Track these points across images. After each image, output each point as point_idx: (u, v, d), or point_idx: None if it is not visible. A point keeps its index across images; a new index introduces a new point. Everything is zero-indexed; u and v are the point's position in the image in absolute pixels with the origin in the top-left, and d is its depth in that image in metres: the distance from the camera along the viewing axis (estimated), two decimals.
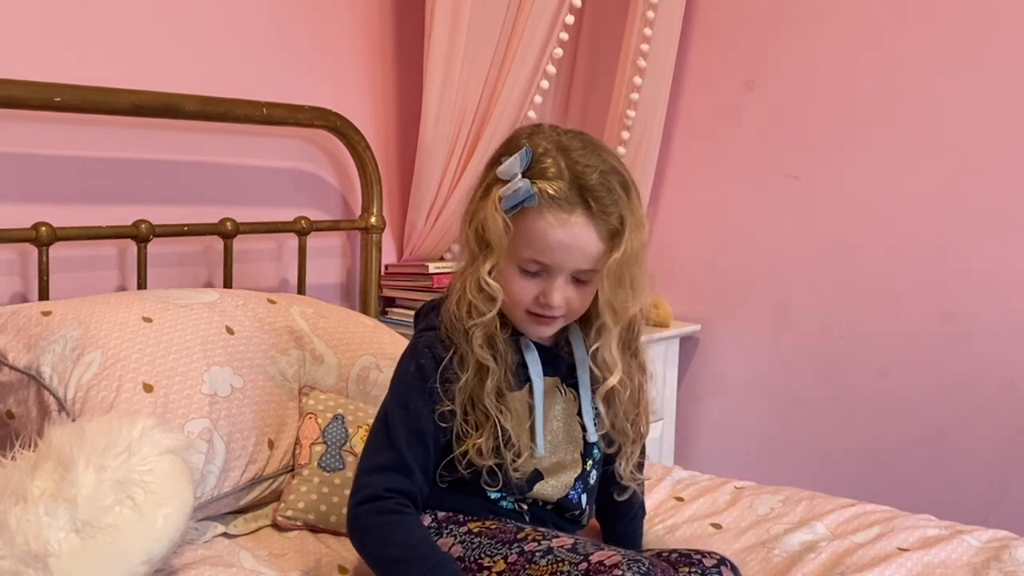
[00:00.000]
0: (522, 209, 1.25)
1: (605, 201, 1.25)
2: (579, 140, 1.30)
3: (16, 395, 1.52)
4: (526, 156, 1.26)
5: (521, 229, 1.26)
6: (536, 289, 1.29)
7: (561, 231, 1.25)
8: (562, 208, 1.24)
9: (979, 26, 2.31)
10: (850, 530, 1.62)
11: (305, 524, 1.57)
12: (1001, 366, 2.32)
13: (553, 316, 1.31)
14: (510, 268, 1.29)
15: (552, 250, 1.26)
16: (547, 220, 1.25)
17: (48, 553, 1.12)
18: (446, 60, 2.23)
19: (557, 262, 1.27)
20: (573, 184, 1.25)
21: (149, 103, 1.85)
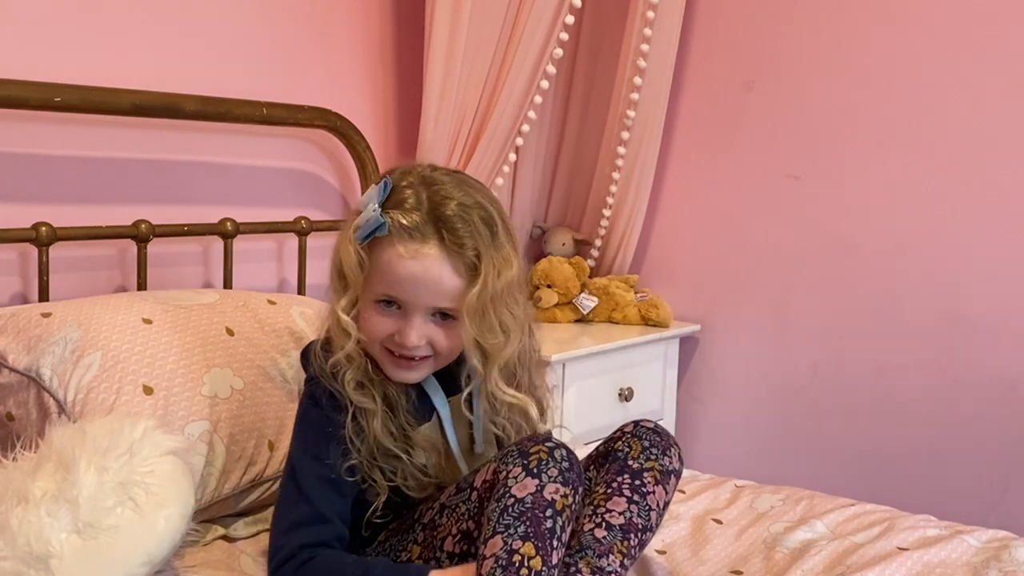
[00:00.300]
0: (375, 240, 1.23)
1: (460, 233, 1.21)
2: (451, 176, 1.27)
3: (16, 397, 1.51)
4: (384, 188, 1.24)
5: (375, 262, 1.23)
6: (392, 327, 1.25)
7: (412, 262, 1.21)
8: (413, 238, 1.21)
9: (979, 26, 2.31)
10: (850, 530, 1.63)
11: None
12: (1001, 366, 2.33)
13: (412, 357, 1.27)
14: (366, 304, 1.26)
15: (403, 283, 1.22)
16: (398, 251, 1.21)
17: (49, 554, 1.11)
18: (446, 60, 2.23)
19: (409, 296, 1.23)
20: (429, 215, 1.22)
21: (149, 103, 1.85)
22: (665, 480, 1.29)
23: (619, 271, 2.81)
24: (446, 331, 1.27)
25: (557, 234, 2.80)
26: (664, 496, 1.29)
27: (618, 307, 2.67)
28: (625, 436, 1.33)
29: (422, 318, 1.25)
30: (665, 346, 2.68)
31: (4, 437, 1.51)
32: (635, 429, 1.33)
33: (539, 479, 1.15)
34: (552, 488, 1.15)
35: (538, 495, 1.14)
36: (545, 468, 1.15)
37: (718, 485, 1.85)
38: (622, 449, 1.31)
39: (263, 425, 1.59)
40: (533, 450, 1.17)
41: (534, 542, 1.11)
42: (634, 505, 1.26)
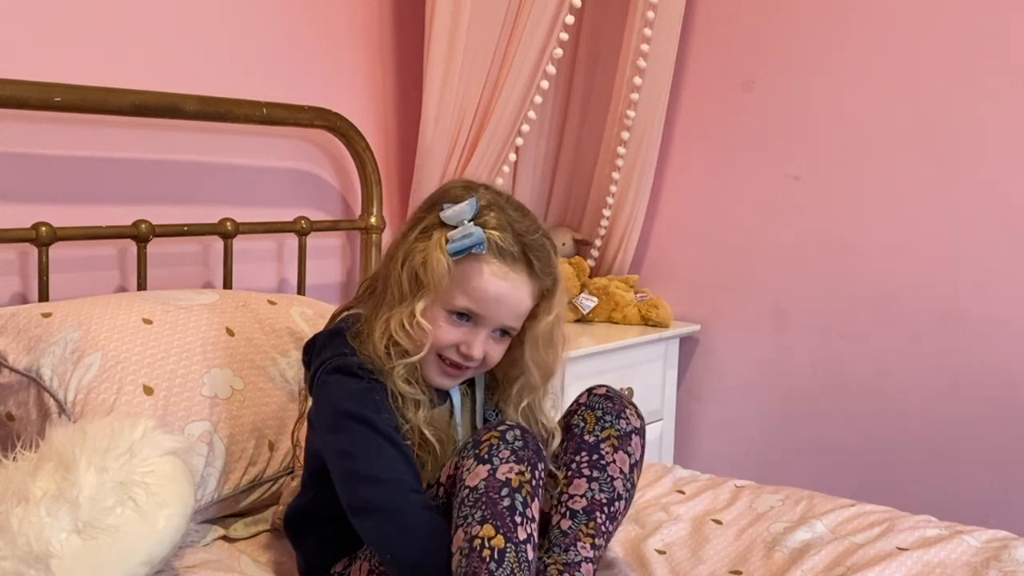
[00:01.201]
0: (466, 256, 1.27)
1: (545, 262, 1.31)
2: (510, 202, 1.34)
3: (16, 397, 1.51)
4: (475, 204, 1.28)
5: (460, 276, 1.27)
6: (459, 337, 1.30)
7: (503, 283, 1.28)
8: (506, 261, 1.28)
9: (979, 26, 2.31)
10: (850, 530, 1.63)
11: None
12: (1001, 366, 2.33)
13: (467, 367, 1.32)
14: (438, 312, 1.30)
15: (488, 300, 1.28)
16: (491, 269, 1.27)
17: (50, 554, 1.12)
18: (446, 60, 2.23)
19: (490, 313, 1.29)
20: (517, 240, 1.29)
21: (149, 103, 1.85)
22: (625, 443, 1.32)
23: (619, 271, 2.81)
24: (501, 346, 1.34)
25: (557, 234, 2.80)
26: (627, 459, 1.31)
27: (618, 307, 2.67)
28: (580, 409, 1.36)
29: (487, 332, 1.31)
30: (665, 346, 2.68)
31: (4, 437, 1.51)
32: (588, 399, 1.36)
33: (490, 463, 1.15)
34: (505, 468, 1.15)
35: (491, 479, 1.14)
36: (496, 452, 1.16)
37: (718, 485, 1.85)
38: (577, 424, 1.34)
39: (263, 425, 1.59)
40: (484, 437, 1.19)
41: (492, 523, 1.11)
42: (594, 482, 1.27)
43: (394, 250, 1.34)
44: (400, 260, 1.31)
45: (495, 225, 1.29)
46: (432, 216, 1.31)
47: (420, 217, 1.33)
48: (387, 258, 1.35)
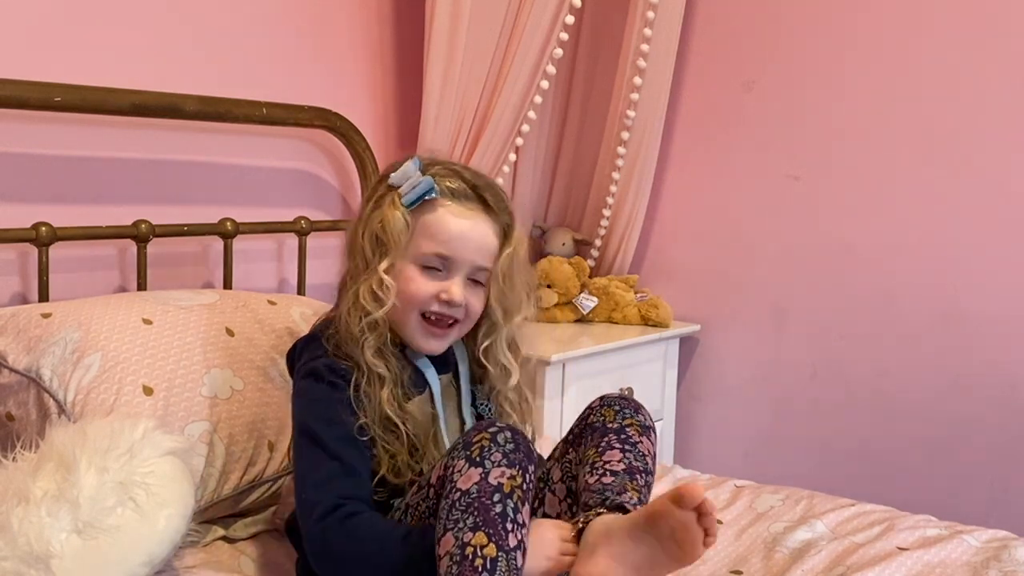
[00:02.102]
0: (422, 204, 1.32)
1: (498, 199, 1.36)
2: (452, 160, 1.44)
3: (16, 397, 1.51)
4: (417, 162, 1.34)
5: (421, 226, 1.32)
6: (436, 288, 1.32)
7: (463, 221, 1.32)
8: (460, 200, 1.33)
9: (979, 26, 2.31)
10: (850, 530, 1.63)
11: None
12: (1001, 366, 2.33)
13: (451, 320, 1.35)
14: (408, 267, 1.33)
15: (453, 239, 1.32)
16: (449, 210, 1.32)
17: (50, 554, 1.12)
18: (446, 60, 2.23)
19: (459, 253, 1.32)
20: (468, 183, 1.35)
21: (149, 103, 1.85)
22: (646, 433, 1.34)
23: (619, 271, 2.81)
24: (478, 296, 1.36)
25: (557, 234, 2.80)
26: (651, 447, 1.33)
27: (618, 307, 2.67)
28: (595, 410, 1.36)
29: (462, 277, 1.33)
30: (665, 346, 2.68)
31: (4, 437, 1.51)
32: (602, 400, 1.37)
33: (482, 467, 1.14)
34: (497, 472, 1.14)
35: (483, 483, 1.13)
36: (488, 455, 1.15)
37: (718, 485, 1.85)
38: (597, 420, 1.34)
39: (263, 426, 1.59)
40: (475, 439, 1.17)
41: (485, 530, 1.10)
42: (628, 453, 1.29)
43: (352, 233, 1.37)
44: (361, 231, 1.34)
45: (444, 173, 1.34)
46: (381, 187, 1.36)
47: (370, 194, 1.39)
48: (350, 235, 1.38)
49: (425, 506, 1.23)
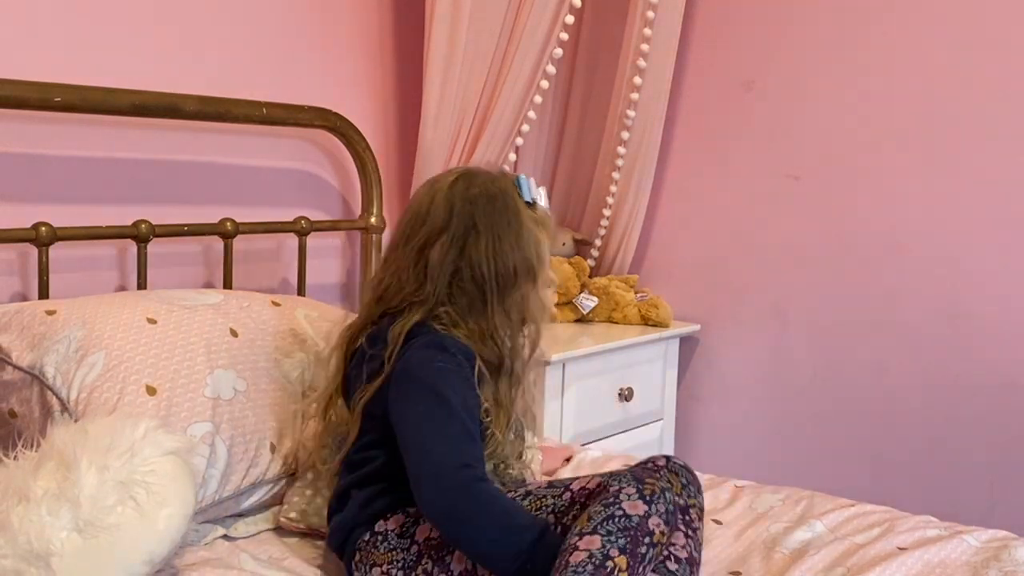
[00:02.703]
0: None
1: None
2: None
3: (19, 394, 1.51)
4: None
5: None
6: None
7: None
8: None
9: (980, 26, 2.31)
10: (850, 530, 1.63)
11: (308, 527, 1.56)
12: (1001, 366, 2.33)
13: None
14: (542, 287, 1.45)
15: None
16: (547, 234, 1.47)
17: (50, 552, 1.12)
18: (446, 60, 2.23)
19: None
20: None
21: (149, 103, 1.85)
22: (702, 517, 1.43)
23: (619, 271, 2.81)
24: None
25: (557, 234, 2.80)
26: (700, 539, 1.41)
27: (618, 307, 2.67)
28: (661, 471, 1.39)
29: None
30: (665, 346, 2.68)
31: (6, 435, 1.51)
32: (668, 464, 1.41)
33: (649, 507, 1.21)
34: (655, 521, 1.20)
35: (644, 520, 1.19)
36: (656, 501, 1.22)
37: (718, 485, 1.85)
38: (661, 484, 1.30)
39: (265, 427, 1.59)
40: (648, 480, 1.24)
41: (628, 559, 1.16)
42: (691, 540, 1.36)
43: (506, 245, 1.39)
44: (516, 247, 1.39)
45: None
46: (524, 206, 1.42)
47: (516, 210, 1.41)
48: (495, 255, 1.38)
49: (552, 502, 1.29)
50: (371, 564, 1.33)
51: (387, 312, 1.42)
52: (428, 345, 1.34)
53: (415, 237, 1.41)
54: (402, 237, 1.44)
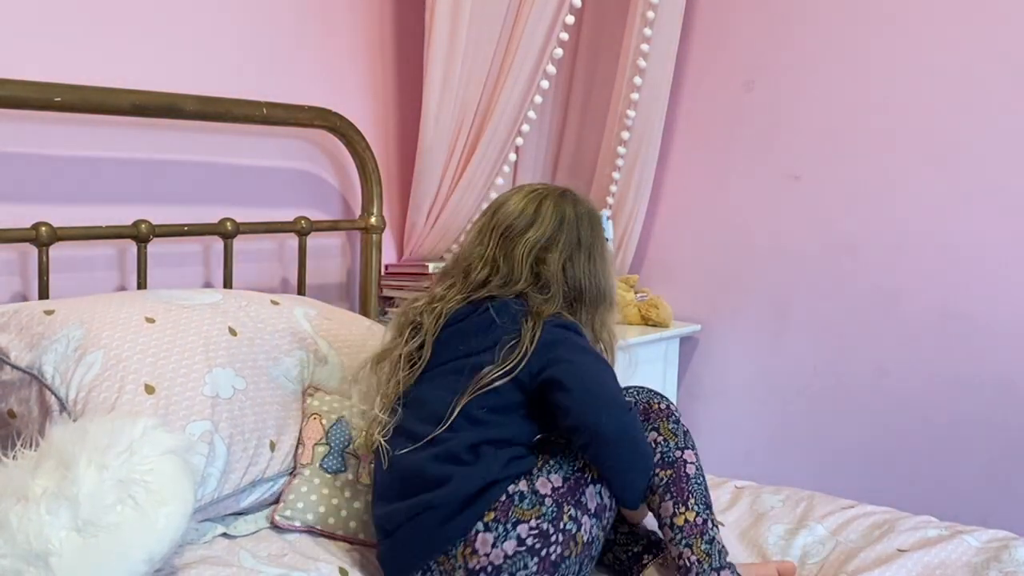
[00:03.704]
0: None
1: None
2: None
3: (18, 394, 1.51)
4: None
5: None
6: None
7: None
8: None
9: (980, 26, 2.31)
10: (850, 531, 1.63)
11: (303, 525, 1.57)
12: (1001, 366, 2.33)
13: None
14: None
15: None
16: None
17: (49, 551, 1.12)
18: (446, 60, 2.23)
19: None
20: None
21: (149, 103, 1.85)
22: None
23: (619, 271, 2.81)
24: None
25: None
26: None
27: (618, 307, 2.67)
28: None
29: None
30: (665, 346, 2.68)
31: (5, 435, 1.51)
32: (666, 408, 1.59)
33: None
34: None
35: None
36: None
37: (718, 486, 1.85)
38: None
39: (264, 425, 1.59)
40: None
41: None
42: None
43: (597, 265, 1.60)
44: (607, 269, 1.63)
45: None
46: (600, 229, 1.64)
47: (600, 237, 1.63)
48: (596, 273, 1.60)
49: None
50: (515, 521, 1.38)
51: (477, 291, 1.56)
52: (568, 326, 1.51)
53: (516, 234, 1.57)
54: (499, 228, 1.58)
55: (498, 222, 1.58)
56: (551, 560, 1.36)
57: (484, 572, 1.36)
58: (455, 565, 1.38)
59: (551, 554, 1.36)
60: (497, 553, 1.36)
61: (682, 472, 1.46)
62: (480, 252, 1.58)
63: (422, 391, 1.51)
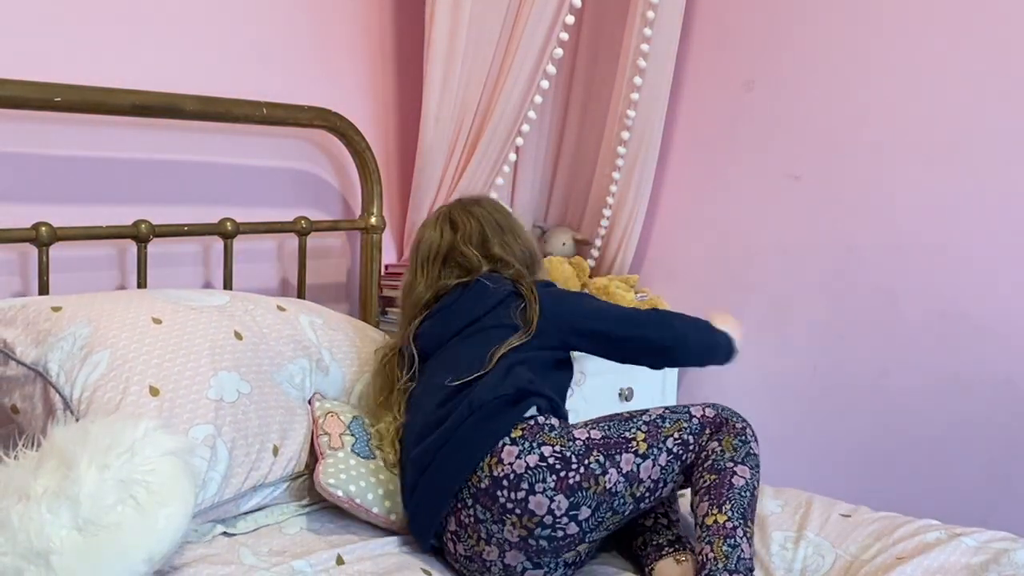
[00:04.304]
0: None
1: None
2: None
3: (22, 390, 1.51)
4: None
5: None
6: None
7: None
8: None
9: (979, 25, 2.31)
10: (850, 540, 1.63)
11: (346, 496, 1.57)
12: (1001, 366, 2.32)
13: None
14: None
15: None
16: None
17: (50, 550, 1.12)
18: (446, 60, 2.23)
19: None
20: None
21: (149, 103, 1.85)
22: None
23: (619, 271, 2.81)
24: None
25: (557, 234, 2.80)
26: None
27: None
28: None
29: None
30: None
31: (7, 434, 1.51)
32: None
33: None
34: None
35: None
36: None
37: None
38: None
39: (268, 430, 1.59)
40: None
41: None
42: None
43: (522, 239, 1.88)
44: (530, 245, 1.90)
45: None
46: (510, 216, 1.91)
47: (508, 220, 1.89)
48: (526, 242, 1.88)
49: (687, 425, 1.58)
50: (541, 443, 1.49)
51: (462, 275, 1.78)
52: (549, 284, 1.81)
53: (449, 249, 1.79)
54: (432, 256, 1.80)
55: (427, 254, 1.79)
56: (568, 484, 1.45)
57: (507, 479, 1.46)
58: (481, 477, 1.48)
59: (569, 478, 1.45)
60: (520, 464, 1.46)
61: (727, 480, 1.48)
62: (424, 281, 1.78)
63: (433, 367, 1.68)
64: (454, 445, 1.51)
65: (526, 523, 1.45)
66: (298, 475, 1.64)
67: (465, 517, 1.49)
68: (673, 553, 1.55)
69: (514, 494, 1.45)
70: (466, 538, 1.50)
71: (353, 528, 1.60)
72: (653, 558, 1.56)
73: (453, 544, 1.53)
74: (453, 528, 1.52)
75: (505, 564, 1.49)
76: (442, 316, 1.73)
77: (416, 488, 1.54)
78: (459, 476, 1.49)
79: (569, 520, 1.45)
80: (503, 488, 1.46)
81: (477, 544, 1.50)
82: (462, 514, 1.50)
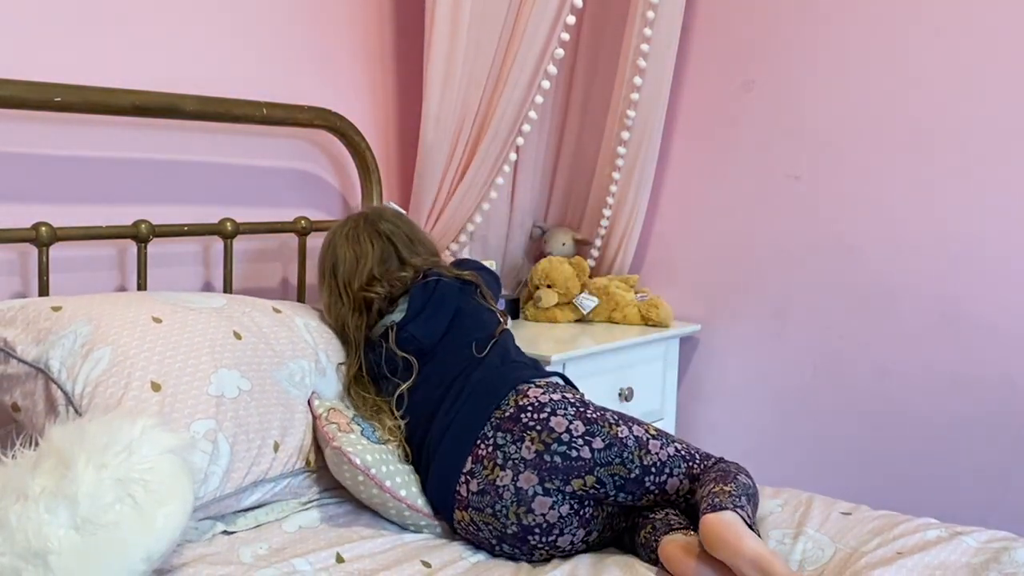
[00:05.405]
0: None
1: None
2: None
3: (23, 388, 1.52)
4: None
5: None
6: None
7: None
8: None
9: (979, 25, 2.31)
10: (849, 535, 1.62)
11: (363, 464, 1.59)
12: (1001, 366, 2.33)
13: None
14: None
15: None
16: None
17: (48, 550, 1.12)
18: (447, 60, 2.23)
19: None
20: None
21: (149, 103, 1.85)
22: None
23: (619, 271, 2.81)
24: None
25: (557, 234, 2.80)
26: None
27: (618, 307, 2.67)
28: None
29: None
30: (665, 346, 2.68)
31: (5, 435, 1.52)
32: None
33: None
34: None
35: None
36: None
37: None
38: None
39: (269, 427, 1.60)
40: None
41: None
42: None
43: (425, 239, 2.02)
44: (432, 244, 2.05)
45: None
46: (408, 222, 2.03)
47: (409, 226, 2.01)
48: (429, 243, 2.02)
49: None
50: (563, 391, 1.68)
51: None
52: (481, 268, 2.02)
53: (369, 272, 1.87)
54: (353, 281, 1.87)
55: (347, 278, 1.86)
56: (587, 416, 1.61)
57: (531, 407, 1.61)
58: (505, 410, 1.62)
59: (587, 411, 1.62)
60: (544, 397, 1.63)
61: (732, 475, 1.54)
62: (351, 305, 1.83)
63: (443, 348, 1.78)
64: (484, 386, 1.67)
65: (544, 438, 1.56)
66: (298, 472, 1.65)
67: (483, 450, 1.58)
68: (681, 529, 1.55)
69: (537, 415, 1.59)
70: (480, 471, 1.57)
71: (353, 526, 1.61)
72: (661, 532, 1.56)
73: (466, 487, 1.57)
74: (468, 468, 1.59)
75: (517, 488, 1.54)
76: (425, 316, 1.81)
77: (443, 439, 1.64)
78: (488, 407, 1.63)
79: (584, 444, 1.57)
80: (527, 412, 1.60)
81: (492, 472, 1.56)
82: (480, 449, 1.59)
